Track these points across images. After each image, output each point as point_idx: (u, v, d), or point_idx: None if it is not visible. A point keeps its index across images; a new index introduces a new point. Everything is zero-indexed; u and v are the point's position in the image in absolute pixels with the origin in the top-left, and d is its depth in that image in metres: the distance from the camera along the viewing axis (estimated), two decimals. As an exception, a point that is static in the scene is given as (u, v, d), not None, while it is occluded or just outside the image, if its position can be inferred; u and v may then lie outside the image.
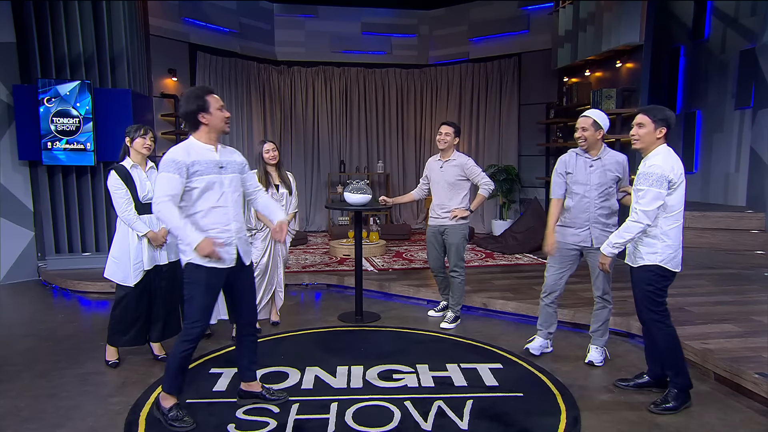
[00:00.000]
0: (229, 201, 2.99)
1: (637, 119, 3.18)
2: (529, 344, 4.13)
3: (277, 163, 4.58)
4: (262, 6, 9.88)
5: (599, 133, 3.69)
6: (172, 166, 2.83)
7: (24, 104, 6.19)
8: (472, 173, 4.66)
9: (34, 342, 4.42)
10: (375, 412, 3.16)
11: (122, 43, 6.69)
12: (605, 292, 3.86)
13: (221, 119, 2.96)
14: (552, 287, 3.95)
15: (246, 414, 3.13)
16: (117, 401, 3.30)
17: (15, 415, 3.16)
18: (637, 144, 3.21)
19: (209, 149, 2.97)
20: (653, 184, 3.05)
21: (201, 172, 2.89)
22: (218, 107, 2.95)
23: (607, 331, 3.97)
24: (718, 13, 7.59)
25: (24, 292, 6.13)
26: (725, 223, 6.48)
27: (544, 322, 4.07)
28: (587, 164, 3.75)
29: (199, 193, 2.90)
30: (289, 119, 10.31)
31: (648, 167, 3.09)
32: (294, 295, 5.98)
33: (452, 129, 4.67)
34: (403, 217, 10.80)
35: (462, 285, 4.78)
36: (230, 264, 3.00)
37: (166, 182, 2.82)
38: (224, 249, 2.93)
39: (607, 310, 3.92)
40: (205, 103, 2.91)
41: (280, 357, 4.01)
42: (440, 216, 4.73)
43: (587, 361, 3.91)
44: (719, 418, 3.11)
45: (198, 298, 2.93)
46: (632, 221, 3.13)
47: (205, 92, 2.95)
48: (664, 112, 3.15)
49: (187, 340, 2.94)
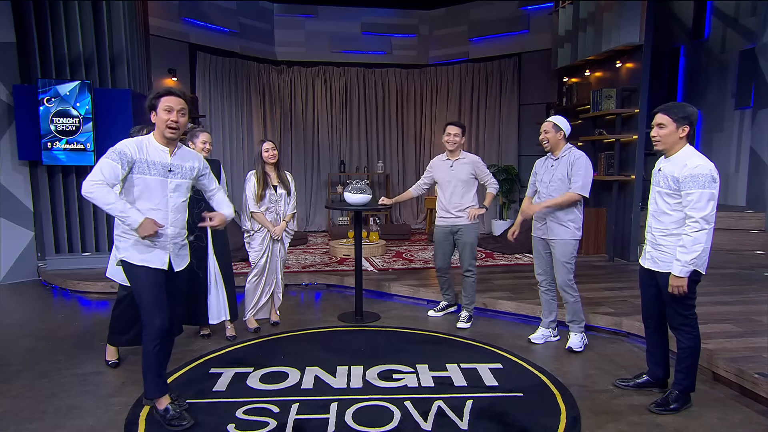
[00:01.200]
0: (169, 205, 2.95)
1: (657, 119, 3.06)
2: (531, 336, 4.39)
3: (277, 164, 4.55)
4: (262, 6, 9.89)
5: (560, 134, 4.05)
6: (115, 155, 2.80)
7: (24, 104, 6.19)
8: (482, 172, 4.76)
9: (34, 342, 4.42)
10: (375, 412, 3.15)
11: (122, 43, 6.69)
12: (564, 284, 4.11)
13: (163, 122, 2.87)
14: (537, 276, 4.32)
15: (246, 414, 3.12)
16: (117, 401, 3.29)
17: (15, 414, 3.15)
18: (658, 146, 3.09)
19: (162, 151, 2.93)
20: (705, 185, 2.92)
21: (145, 171, 2.86)
22: (165, 108, 2.87)
23: (583, 320, 4.21)
24: (718, 13, 7.60)
25: (24, 292, 6.13)
26: (725, 223, 6.48)
27: (544, 310, 4.39)
28: (549, 164, 4.16)
29: (139, 192, 2.87)
30: (289, 119, 10.32)
31: (694, 168, 2.94)
32: (294, 295, 5.98)
33: (459, 129, 4.74)
34: (402, 217, 10.82)
35: (474, 284, 4.82)
36: (161, 266, 2.96)
37: (105, 168, 2.76)
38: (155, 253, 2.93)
39: (570, 303, 4.15)
40: (156, 101, 2.87)
41: (280, 357, 4.00)
42: (454, 215, 4.72)
43: (567, 347, 4.14)
44: (719, 418, 3.11)
45: (144, 293, 2.91)
46: (696, 231, 2.93)
47: (163, 93, 2.91)
48: (684, 109, 3.02)
49: (150, 338, 2.92)
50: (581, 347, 4.13)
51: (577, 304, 4.13)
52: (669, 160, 3.10)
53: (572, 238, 4.05)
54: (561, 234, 4.04)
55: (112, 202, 2.73)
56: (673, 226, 3.07)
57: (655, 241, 3.18)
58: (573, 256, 4.07)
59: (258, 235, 4.53)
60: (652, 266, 3.22)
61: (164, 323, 2.94)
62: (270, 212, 4.52)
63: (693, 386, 3.21)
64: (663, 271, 3.14)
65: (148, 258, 2.93)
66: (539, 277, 4.29)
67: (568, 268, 4.06)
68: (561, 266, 4.07)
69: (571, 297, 4.10)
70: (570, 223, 4.03)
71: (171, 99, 2.89)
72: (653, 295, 3.28)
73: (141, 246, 2.91)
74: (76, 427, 3.00)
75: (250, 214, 4.47)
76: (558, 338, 4.37)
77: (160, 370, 3.01)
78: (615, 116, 6.94)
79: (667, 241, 3.11)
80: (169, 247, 2.99)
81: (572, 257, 4.06)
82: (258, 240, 4.53)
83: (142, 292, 2.93)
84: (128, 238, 2.91)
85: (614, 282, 5.81)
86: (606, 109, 6.94)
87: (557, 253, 4.07)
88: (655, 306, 3.31)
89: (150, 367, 2.97)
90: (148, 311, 2.93)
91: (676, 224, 3.06)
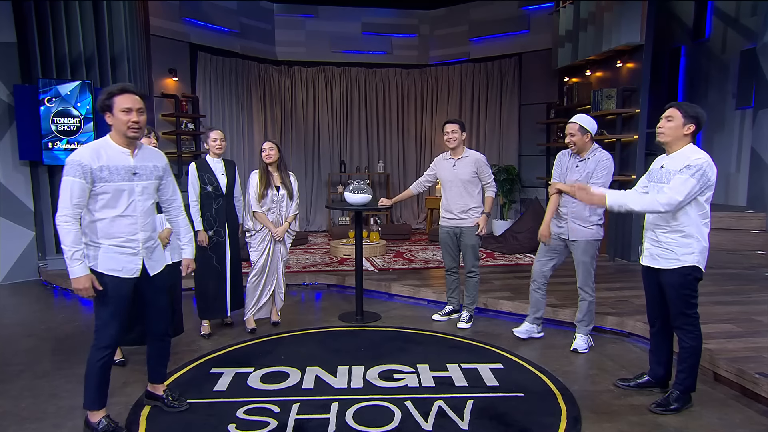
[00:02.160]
0: (138, 210, 2.81)
1: (667, 112, 3.11)
2: (515, 329, 4.43)
3: (279, 164, 4.55)
4: (262, 6, 9.90)
5: (587, 137, 3.98)
6: (76, 169, 2.64)
7: (25, 104, 6.19)
8: (484, 172, 4.67)
9: (35, 342, 4.43)
10: (375, 412, 3.16)
11: (123, 43, 6.71)
12: (584, 284, 4.10)
13: (123, 123, 2.70)
14: (536, 274, 4.27)
15: (246, 414, 3.13)
16: (117, 401, 3.29)
17: (15, 414, 3.16)
18: (661, 137, 3.12)
19: (124, 153, 2.78)
20: (695, 175, 2.95)
21: (108, 179, 2.71)
22: (123, 109, 2.69)
23: (592, 321, 4.20)
24: (718, 13, 7.59)
25: (24, 292, 6.13)
26: (726, 223, 6.49)
27: (531, 306, 4.40)
28: (574, 164, 4.07)
29: (105, 201, 2.73)
30: (289, 119, 10.33)
31: (695, 160, 2.99)
32: (294, 294, 5.99)
33: (458, 126, 4.65)
34: (403, 217, 10.83)
35: (477, 284, 4.81)
36: (134, 275, 2.85)
37: (70, 190, 2.63)
38: (126, 261, 2.81)
39: (586, 303, 4.13)
40: (109, 102, 2.70)
41: (280, 357, 4.02)
42: (457, 216, 4.68)
43: (572, 348, 4.13)
44: (719, 418, 3.12)
45: (105, 305, 2.79)
46: (653, 199, 3.03)
47: (116, 91, 2.72)
48: (695, 109, 3.07)
49: (101, 347, 2.80)
50: (587, 349, 4.13)
51: (593, 305, 4.13)
52: (671, 157, 3.12)
53: (595, 238, 4.03)
54: (584, 235, 4.02)
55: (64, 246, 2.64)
56: (675, 222, 3.09)
57: (656, 237, 3.18)
58: (595, 256, 4.07)
59: (259, 234, 4.54)
60: (652, 263, 3.23)
61: (116, 337, 2.84)
62: (272, 213, 4.53)
63: (694, 386, 3.21)
64: (664, 268, 3.15)
65: (118, 267, 2.80)
66: (536, 273, 4.27)
67: (591, 268, 4.06)
68: (583, 266, 4.05)
69: (589, 296, 4.10)
70: (593, 224, 4.01)
71: (127, 98, 2.71)
72: (657, 293, 3.28)
73: (112, 254, 2.78)
74: (77, 427, 3.00)
75: (252, 213, 4.48)
76: (542, 335, 4.40)
77: (102, 384, 2.87)
78: (615, 116, 6.96)
79: (668, 237, 3.11)
80: (142, 253, 2.87)
81: (594, 257, 4.06)
82: (258, 239, 4.54)
83: (103, 303, 2.79)
84: (98, 246, 2.78)
85: (615, 282, 5.83)
86: (606, 109, 6.95)
87: (579, 253, 4.04)
88: (659, 305, 3.30)
89: (92, 378, 2.83)
90: (104, 323, 2.80)
91: (678, 220, 3.08)
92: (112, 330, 2.80)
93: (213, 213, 4.37)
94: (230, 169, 4.49)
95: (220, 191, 4.38)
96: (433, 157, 5.10)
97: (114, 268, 2.79)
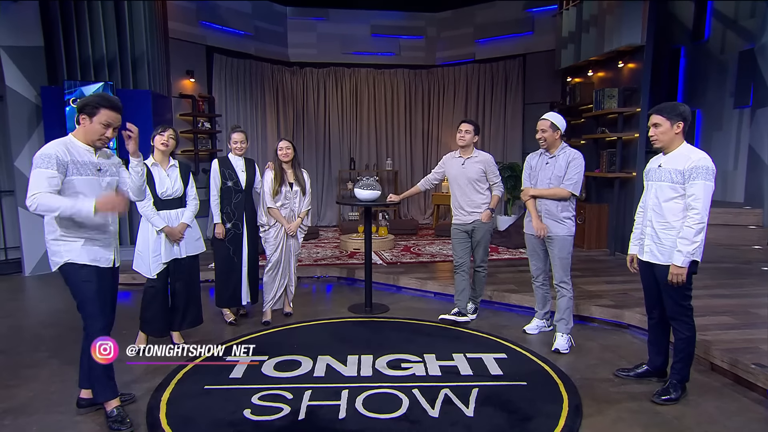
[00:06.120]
0: None
1: (652, 120, 3.20)
2: (526, 326, 4.49)
3: (293, 162, 4.69)
4: (275, 9, 10.09)
5: (557, 134, 4.07)
6: (47, 161, 2.68)
7: (51, 105, 6.40)
8: (492, 172, 4.69)
9: (62, 330, 4.53)
10: (384, 400, 3.23)
11: (143, 46, 6.94)
12: (561, 280, 4.13)
13: (97, 134, 2.81)
14: (534, 272, 4.35)
15: (261, 400, 3.21)
16: (139, 387, 3.40)
17: (46, 398, 3.30)
18: (657, 144, 3.22)
19: (88, 150, 2.87)
20: (706, 177, 3.04)
21: (76, 173, 2.78)
22: (104, 123, 2.80)
23: (571, 319, 4.17)
24: (717, 14, 7.68)
25: (50, 283, 6.28)
26: (724, 219, 6.59)
27: (538, 303, 4.47)
28: (544, 161, 4.14)
29: (76, 195, 2.77)
30: (301, 118, 10.53)
31: (698, 161, 3.06)
32: (306, 287, 6.13)
33: (472, 127, 4.67)
34: (411, 212, 11.00)
35: (485, 279, 4.89)
36: (108, 265, 2.96)
37: (43, 178, 2.65)
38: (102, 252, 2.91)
39: (565, 299, 4.13)
40: (95, 111, 2.79)
41: (293, 346, 4.10)
42: (467, 212, 4.68)
43: (553, 349, 4.05)
44: (716, 407, 3.18)
45: (91, 297, 2.85)
46: (697, 223, 3.06)
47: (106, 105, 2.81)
48: (676, 108, 3.15)
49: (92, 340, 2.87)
50: (568, 349, 4.07)
51: (571, 301, 4.14)
52: (668, 157, 3.19)
53: (569, 234, 4.08)
54: (558, 231, 4.06)
55: (57, 206, 2.64)
56: (674, 219, 3.16)
57: (656, 234, 3.25)
58: (570, 252, 4.10)
59: (273, 229, 4.67)
60: (651, 259, 3.30)
61: (108, 328, 2.91)
62: (285, 208, 4.67)
63: (688, 376, 3.31)
64: (662, 264, 3.22)
65: (97, 258, 2.89)
66: (536, 272, 4.32)
67: (566, 264, 4.09)
68: (560, 262, 4.08)
69: (567, 292, 4.12)
70: (566, 220, 4.06)
71: (112, 115, 2.82)
72: (654, 286, 3.36)
73: (89, 246, 2.86)
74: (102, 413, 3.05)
75: (267, 209, 4.63)
76: (551, 328, 4.37)
77: (109, 372, 2.94)
78: (617, 115, 7.05)
79: (668, 234, 3.19)
80: (114, 244, 3.01)
81: (569, 253, 4.09)
82: (272, 234, 4.68)
83: (89, 294, 2.84)
84: (74, 240, 2.84)
85: (615, 275, 5.91)
86: (608, 108, 7.06)
87: (555, 249, 4.08)
88: (657, 297, 3.37)
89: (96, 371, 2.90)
90: (94, 315, 2.86)
91: (676, 217, 3.16)
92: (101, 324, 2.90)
93: (232, 206, 4.58)
94: (250, 167, 4.69)
95: (240, 186, 4.59)
96: (440, 155, 5.20)
97: (95, 258, 2.90)
